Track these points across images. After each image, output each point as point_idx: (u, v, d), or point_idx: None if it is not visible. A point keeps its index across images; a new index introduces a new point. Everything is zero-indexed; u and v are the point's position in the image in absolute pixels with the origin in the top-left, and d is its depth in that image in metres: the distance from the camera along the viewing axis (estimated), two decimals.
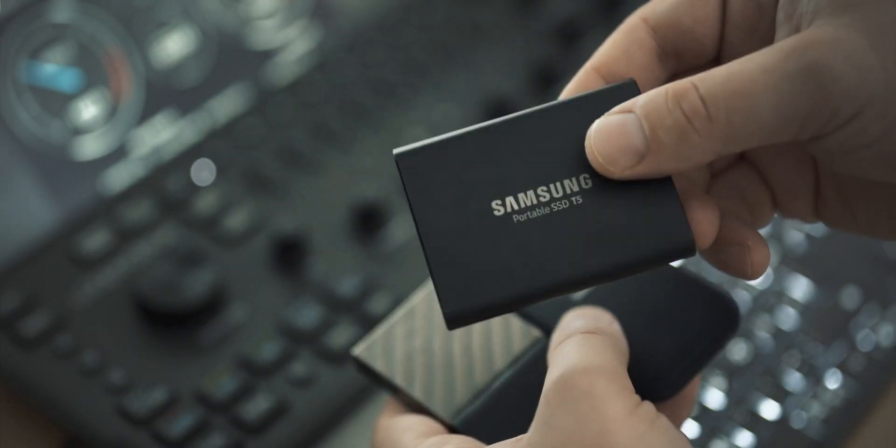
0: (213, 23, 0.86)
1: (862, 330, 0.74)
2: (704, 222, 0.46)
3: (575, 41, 0.89)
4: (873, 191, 0.49)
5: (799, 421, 0.70)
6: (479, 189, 0.46)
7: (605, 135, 0.45)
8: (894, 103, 0.43)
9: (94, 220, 0.76)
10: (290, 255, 0.75)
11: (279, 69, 0.87)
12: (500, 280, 0.45)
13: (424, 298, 0.54)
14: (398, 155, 0.46)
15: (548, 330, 0.51)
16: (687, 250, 0.46)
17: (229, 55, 0.86)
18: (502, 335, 0.52)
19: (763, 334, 0.74)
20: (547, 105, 0.47)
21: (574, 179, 0.46)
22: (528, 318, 0.52)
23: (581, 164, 0.46)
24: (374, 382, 0.53)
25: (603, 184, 0.45)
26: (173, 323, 0.72)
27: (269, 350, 0.71)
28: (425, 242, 0.45)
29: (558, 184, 0.46)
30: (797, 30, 0.45)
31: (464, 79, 0.87)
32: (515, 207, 0.46)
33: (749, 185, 0.51)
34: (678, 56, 0.49)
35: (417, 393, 0.51)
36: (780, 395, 0.71)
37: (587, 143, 0.46)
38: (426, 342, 0.52)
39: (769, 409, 0.71)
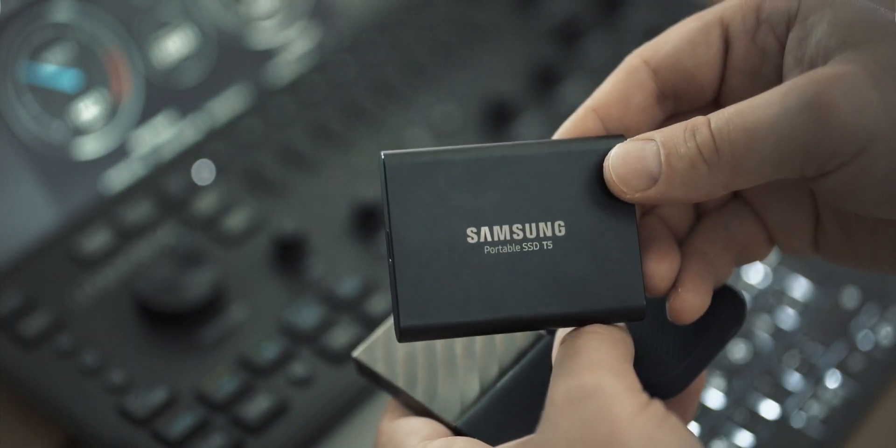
0: (213, 23, 0.86)
1: (862, 330, 0.74)
2: (657, 277, 0.48)
3: (575, 41, 0.89)
4: (878, 227, 0.50)
5: (798, 421, 0.70)
6: (457, 213, 0.47)
7: (623, 157, 0.47)
8: None
9: (94, 220, 0.76)
10: (290, 255, 0.75)
11: (279, 69, 0.87)
12: (458, 305, 0.47)
13: None
14: (387, 157, 0.47)
15: (551, 330, 0.51)
16: (636, 316, 0.48)
17: (229, 55, 0.86)
18: (505, 335, 0.52)
19: (763, 334, 0.74)
20: (541, 144, 0.48)
21: (549, 224, 0.47)
22: None
23: (559, 210, 0.47)
24: (375, 384, 0.52)
25: (575, 234, 0.47)
26: (173, 323, 0.72)
27: (269, 350, 0.71)
28: (396, 254, 0.47)
29: (533, 225, 0.47)
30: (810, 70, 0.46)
31: (464, 79, 0.87)
32: (489, 239, 0.47)
33: (741, 224, 0.51)
34: (677, 98, 0.50)
35: (420, 395, 0.51)
36: (779, 394, 0.71)
37: (605, 163, 0.47)
38: (427, 343, 0.52)
39: (769, 409, 0.71)
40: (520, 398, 0.50)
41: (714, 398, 0.71)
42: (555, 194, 0.48)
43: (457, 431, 0.50)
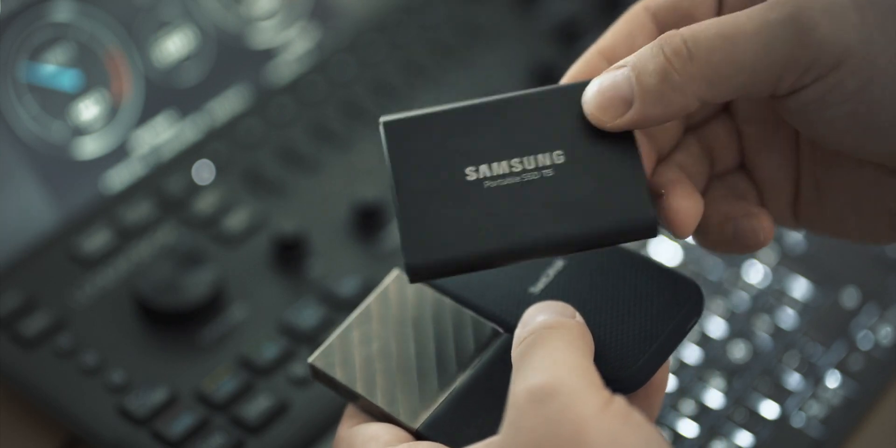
0: (213, 23, 0.86)
1: (862, 330, 0.74)
2: (683, 212, 0.49)
3: (575, 41, 0.89)
4: (844, 185, 0.52)
5: (798, 420, 0.70)
6: (455, 157, 0.48)
7: (597, 88, 0.48)
8: (871, 61, 0.46)
9: (94, 219, 0.76)
10: (290, 255, 0.75)
11: (279, 69, 0.87)
12: (464, 237, 0.47)
13: (377, 299, 0.52)
14: (385, 122, 0.49)
15: (508, 327, 0.50)
16: (647, 229, 0.47)
17: (229, 55, 0.86)
18: (462, 335, 0.51)
19: (763, 334, 0.74)
20: (528, 91, 0.50)
21: (548, 154, 0.48)
22: (488, 316, 0.51)
23: (554, 141, 0.48)
24: (332, 390, 0.51)
25: (574, 160, 0.48)
26: (173, 323, 0.72)
27: (269, 350, 0.71)
28: (398, 199, 0.48)
29: (531, 157, 0.48)
30: None
31: (464, 79, 0.87)
32: (487, 174, 0.48)
33: (746, 187, 0.53)
34: None
35: (379, 399, 0.50)
36: (779, 394, 0.71)
37: (583, 98, 0.49)
38: (383, 346, 0.51)
39: (769, 409, 0.71)
40: (480, 399, 0.49)
41: (714, 398, 0.71)
42: (548, 129, 0.48)
43: (418, 435, 0.49)
